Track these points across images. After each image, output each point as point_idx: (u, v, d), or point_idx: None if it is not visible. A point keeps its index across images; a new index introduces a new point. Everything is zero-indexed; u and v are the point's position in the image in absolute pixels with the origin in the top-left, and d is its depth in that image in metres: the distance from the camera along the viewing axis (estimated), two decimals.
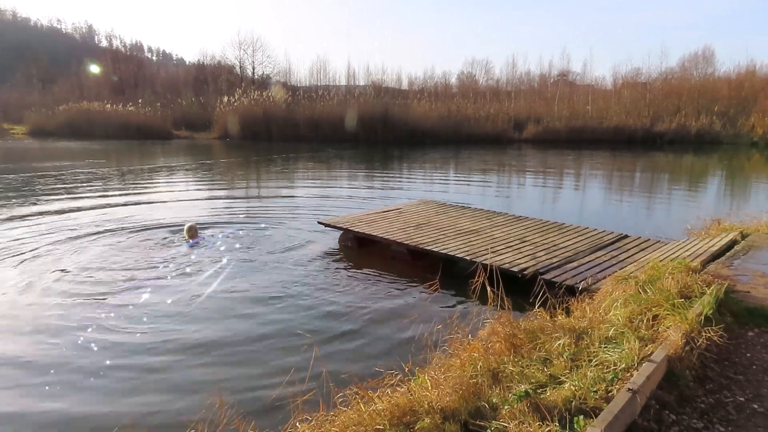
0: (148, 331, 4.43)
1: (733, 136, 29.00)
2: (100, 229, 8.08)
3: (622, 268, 5.14)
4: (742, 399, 2.63)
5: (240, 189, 13.30)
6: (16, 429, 3.13)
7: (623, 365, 2.65)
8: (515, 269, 5.29)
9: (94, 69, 45.33)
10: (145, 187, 13.30)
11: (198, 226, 7.56)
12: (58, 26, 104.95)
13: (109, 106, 33.58)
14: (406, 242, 6.38)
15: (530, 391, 2.39)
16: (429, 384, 2.58)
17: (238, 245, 7.20)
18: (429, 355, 3.03)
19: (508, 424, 2.18)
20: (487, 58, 72.55)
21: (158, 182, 14.43)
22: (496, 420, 2.24)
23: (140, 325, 4.56)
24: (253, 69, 42.91)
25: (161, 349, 4.11)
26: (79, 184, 13.09)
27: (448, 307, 4.90)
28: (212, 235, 7.73)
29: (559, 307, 3.72)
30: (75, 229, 8.01)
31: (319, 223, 7.71)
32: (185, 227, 7.37)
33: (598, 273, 5.18)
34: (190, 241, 7.14)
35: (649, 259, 5.13)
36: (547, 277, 5.04)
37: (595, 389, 2.43)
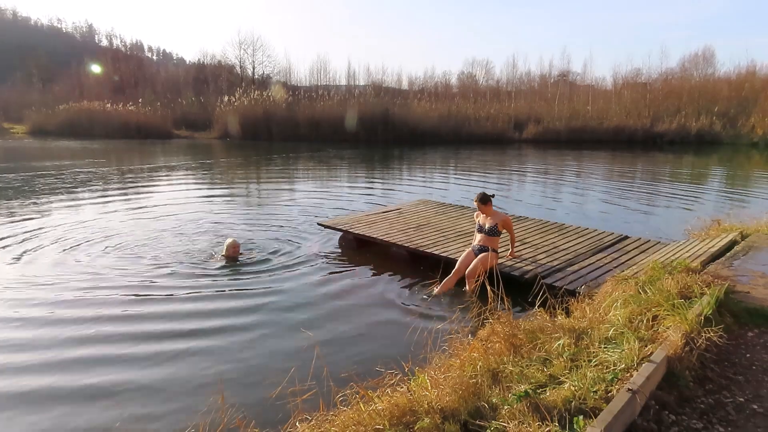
0: (147, 331, 4.44)
1: (733, 137, 28.95)
2: (100, 227, 8.09)
3: (623, 271, 5.14)
4: (741, 399, 2.63)
5: (240, 189, 13.29)
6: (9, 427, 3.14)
7: (623, 365, 2.65)
8: (516, 273, 5.30)
9: (95, 68, 45.33)
10: (145, 187, 13.30)
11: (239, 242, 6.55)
12: (59, 25, 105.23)
13: (109, 105, 33.55)
14: (406, 245, 6.38)
15: (530, 391, 2.39)
16: (429, 384, 2.58)
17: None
18: (429, 355, 3.04)
19: (508, 424, 2.18)
20: (487, 58, 72.41)
21: (158, 182, 14.42)
22: (496, 420, 2.24)
23: (140, 324, 4.57)
24: (254, 69, 42.88)
25: (161, 349, 4.11)
26: (79, 184, 13.09)
27: (448, 307, 4.90)
28: (206, 241, 7.73)
29: (559, 307, 3.72)
30: (75, 227, 8.02)
31: (319, 224, 7.70)
32: (227, 243, 6.41)
33: (598, 277, 5.17)
34: (228, 258, 6.34)
35: (650, 261, 5.12)
36: (548, 281, 4.99)
37: (594, 389, 2.43)
